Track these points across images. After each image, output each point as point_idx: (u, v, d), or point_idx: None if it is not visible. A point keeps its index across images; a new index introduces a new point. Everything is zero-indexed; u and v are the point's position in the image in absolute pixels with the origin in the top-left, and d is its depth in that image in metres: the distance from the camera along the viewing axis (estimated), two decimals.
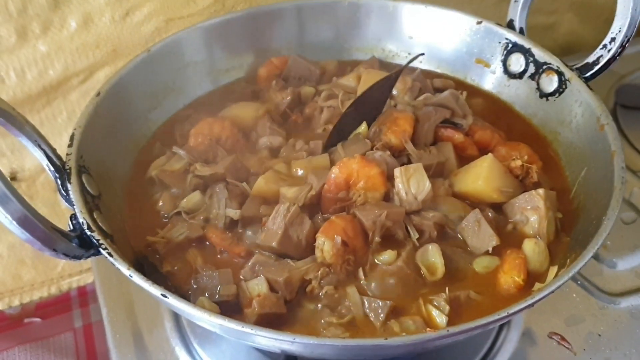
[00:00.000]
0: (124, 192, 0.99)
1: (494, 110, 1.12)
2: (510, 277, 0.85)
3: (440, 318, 0.80)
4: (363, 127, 1.02)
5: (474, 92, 1.15)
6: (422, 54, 1.10)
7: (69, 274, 1.50)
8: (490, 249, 0.88)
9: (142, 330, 1.06)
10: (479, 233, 0.89)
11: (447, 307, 0.81)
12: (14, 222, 0.71)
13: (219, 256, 0.90)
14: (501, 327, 1.05)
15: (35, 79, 1.23)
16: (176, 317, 1.07)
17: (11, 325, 1.49)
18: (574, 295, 1.09)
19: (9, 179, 1.30)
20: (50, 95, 1.27)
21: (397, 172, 0.92)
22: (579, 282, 1.11)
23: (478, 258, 0.88)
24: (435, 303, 0.82)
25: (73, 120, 1.30)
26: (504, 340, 1.03)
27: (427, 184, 0.91)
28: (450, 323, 0.80)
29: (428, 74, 1.18)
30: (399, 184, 0.91)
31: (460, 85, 1.16)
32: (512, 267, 0.85)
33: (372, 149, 0.97)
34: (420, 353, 1.01)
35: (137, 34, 1.26)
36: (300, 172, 0.98)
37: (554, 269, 0.85)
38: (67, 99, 1.29)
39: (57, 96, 1.28)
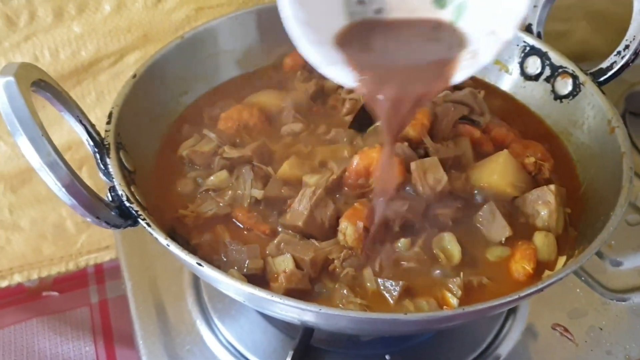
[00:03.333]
0: (153, 169, 1.04)
1: (509, 109, 1.17)
2: (521, 266, 0.89)
3: (453, 300, 0.85)
4: None
5: (491, 91, 1.20)
6: None
7: (88, 250, 1.55)
8: (503, 240, 0.93)
9: (165, 303, 1.10)
10: (493, 224, 0.94)
11: (460, 291, 0.86)
12: (63, 189, 0.76)
13: (245, 232, 0.95)
14: (507, 317, 1.09)
15: (67, 58, 1.27)
16: (197, 292, 1.12)
17: (29, 298, 1.54)
18: (578, 290, 1.14)
19: None
20: (80, 75, 1.31)
21: (413, 165, 0.96)
22: (583, 278, 1.16)
23: (491, 247, 0.93)
24: (449, 286, 0.87)
25: (101, 101, 1.35)
26: (510, 329, 1.08)
27: (444, 177, 0.95)
28: (462, 305, 0.84)
29: None
30: (415, 177, 0.96)
31: (478, 84, 1.20)
32: (523, 256, 0.90)
33: None
34: (427, 337, 1.06)
35: (167, 21, 1.30)
36: (321, 158, 1.03)
37: (562, 259, 0.90)
38: (96, 80, 1.33)
39: (87, 77, 1.32)
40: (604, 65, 1.08)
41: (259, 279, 0.87)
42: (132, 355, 1.44)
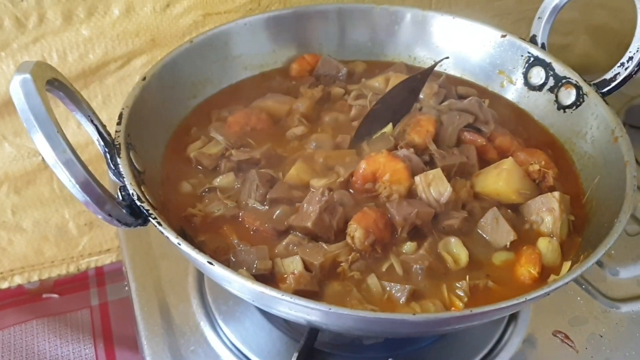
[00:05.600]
0: (160, 170, 1.05)
1: (513, 118, 1.18)
2: (526, 270, 0.91)
3: (460, 303, 0.86)
4: (388, 127, 1.08)
5: (495, 100, 1.22)
6: (447, 57, 1.17)
7: (89, 253, 1.55)
8: (508, 244, 0.94)
9: (169, 305, 1.11)
10: (497, 229, 0.95)
11: (467, 293, 0.87)
12: (77, 186, 0.77)
13: (251, 233, 0.95)
14: (508, 323, 1.10)
15: (75, 61, 1.29)
16: (202, 294, 1.12)
17: (30, 299, 1.55)
18: (578, 298, 1.15)
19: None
20: (87, 78, 1.32)
21: (417, 179, 0.97)
22: (583, 287, 1.17)
23: (496, 252, 0.94)
24: (455, 290, 0.88)
25: (107, 104, 1.36)
26: (511, 335, 1.08)
27: (448, 189, 0.96)
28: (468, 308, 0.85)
29: (452, 80, 1.24)
30: (420, 190, 0.97)
31: (482, 93, 1.22)
32: (529, 260, 0.91)
33: (396, 148, 1.03)
34: (429, 342, 1.07)
35: (175, 26, 1.32)
36: (327, 163, 1.04)
37: (567, 264, 0.91)
38: (103, 83, 1.34)
39: (94, 80, 1.33)
40: (608, 76, 1.10)
41: (267, 279, 0.88)
42: (131, 358, 1.44)
